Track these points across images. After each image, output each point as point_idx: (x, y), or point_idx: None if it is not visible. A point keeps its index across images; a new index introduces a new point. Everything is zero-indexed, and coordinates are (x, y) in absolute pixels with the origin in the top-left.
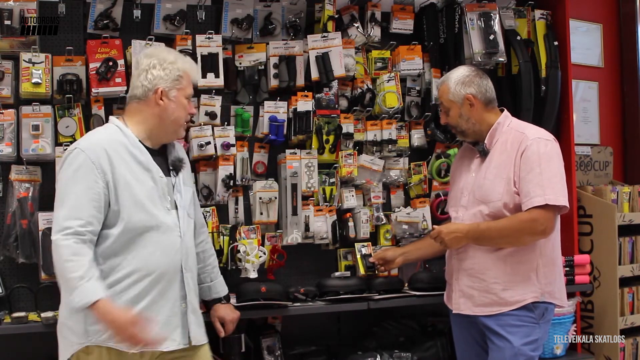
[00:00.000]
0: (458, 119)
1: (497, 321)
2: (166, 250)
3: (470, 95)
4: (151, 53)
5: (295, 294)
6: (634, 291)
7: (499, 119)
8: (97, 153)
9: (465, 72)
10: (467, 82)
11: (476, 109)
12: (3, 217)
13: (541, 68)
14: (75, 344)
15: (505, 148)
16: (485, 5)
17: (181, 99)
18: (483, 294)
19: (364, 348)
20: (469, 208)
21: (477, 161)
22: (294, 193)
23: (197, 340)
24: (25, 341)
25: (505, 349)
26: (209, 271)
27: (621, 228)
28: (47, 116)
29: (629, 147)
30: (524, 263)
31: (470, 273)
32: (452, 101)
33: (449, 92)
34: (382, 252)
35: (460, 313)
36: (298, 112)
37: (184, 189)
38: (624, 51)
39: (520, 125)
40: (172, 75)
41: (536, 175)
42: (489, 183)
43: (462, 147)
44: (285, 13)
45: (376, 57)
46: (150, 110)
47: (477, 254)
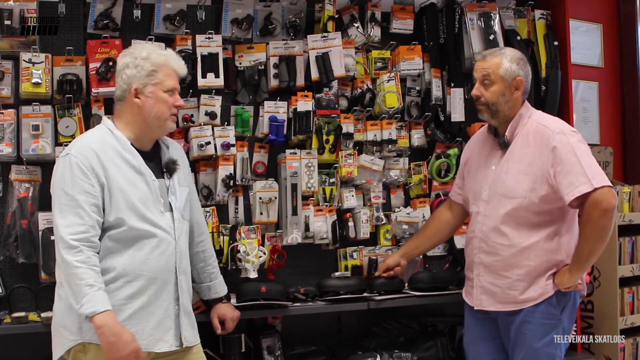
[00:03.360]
0: (500, 96)
1: (520, 317)
2: (160, 253)
3: (521, 78)
4: (125, 52)
5: (295, 294)
6: (634, 291)
7: (520, 111)
8: (89, 157)
9: (521, 55)
10: (521, 64)
11: (518, 94)
12: (3, 217)
13: (541, 68)
14: (68, 341)
15: (528, 142)
16: (485, 5)
17: (159, 94)
18: (506, 290)
19: (364, 348)
20: (490, 202)
21: (497, 154)
22: (294, 193)
23: (189, 341)
24: (25, 341)
25: (527, 343)
26: (209, 271)
27: (621, 228)
28: (47, 116)
29: (629, 147)
30: (549, 259)
31: (493, 270)
32: (502, 77)
33: (501, 67)
34: (383, 263)
35: (481, 309)
36: (298, 112)
37: (179, 190)
38: (624, 51)
39: (543, 118)
40: (145, 71)
41: (575, 165)
42: (512, 178)
43: (476, 136)
44: (285, 13)
45: (376, 57)
46: (130, 109)
47: (503, 251)
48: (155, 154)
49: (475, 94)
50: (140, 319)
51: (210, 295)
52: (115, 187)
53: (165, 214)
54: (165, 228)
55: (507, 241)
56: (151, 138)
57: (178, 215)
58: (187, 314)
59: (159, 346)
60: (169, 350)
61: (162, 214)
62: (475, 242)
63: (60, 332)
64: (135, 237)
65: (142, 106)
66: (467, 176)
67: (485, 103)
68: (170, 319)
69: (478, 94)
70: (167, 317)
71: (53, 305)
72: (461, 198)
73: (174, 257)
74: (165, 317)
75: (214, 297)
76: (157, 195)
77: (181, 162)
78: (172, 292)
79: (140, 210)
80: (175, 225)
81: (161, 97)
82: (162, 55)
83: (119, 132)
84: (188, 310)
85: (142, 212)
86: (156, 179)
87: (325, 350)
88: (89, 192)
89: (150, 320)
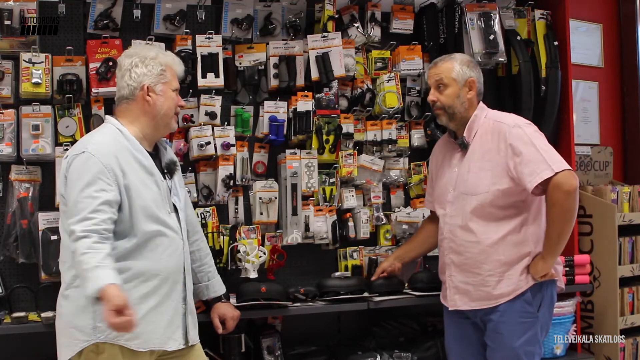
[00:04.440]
0: (455, 99)
1: (496, 317)
2: (172, 253)
3: (473, 79)
4: (131, 52)
5: (295, 294)
6: (634, 291)
7: (476, 112)
8: (108, 158)
9: (469, 58)
10: (472, 66)
11: (472, 95)
12: (3, 217)
13: (541, 68)
14: (81, 342)
15: (487, 139)
16: (485, 5)
17: (168, 92)
18: (479, 287)
19: (364, 348)
20: (455, 203)
21: (457, 155)
22: (294, 193)
23: (193, 340)
24: (25, 341)
25: (505, 343)
26: (205, 270)
27: (621, 228)
28: (47, 116)
29: (629, 147)
30: (518, 251)
31: (464, 268)
32: (455, 80)
33: (452, 70)
34: (379, 267)
35: (457, 310)
36: (298, 112)
37: (180, 191)
38: (624, 51)
39: (497, 115)
40: (156, 70)
41: (534, 154)
42: (473, 176)
43: (438, 143)
44: (285, 13)
45: (376, 57)
46: (140, 107)
47: (471, 248)
48: (156, 154)
49: (431, 99)
50: (154, 318)
51: (209, 295)
52: (133, 190)
53: (171, 214)
54: (174, 228)
55: (475, 238)
56: (156, 137)
57: (183, 216)
58: (191, 313)
59: (169, 344)
60: (178, 348)
61: (169, 215)
62: (445, 243)
63: (70, 333)
64: (148, 238)
65: (154, 104)
66: (435, 182)
67: (441, 107)
68: (178, 318)
69: (434, 99)
70: (176, 316)
71: (56, 307)
72: (433, 205)
73: (182, 257)
74: (175, 316)
75: (212, 296)
76: (165, 196)
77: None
78: (181, 291)
79: (153, 211)
80: (181, 225)
81: (170, 96)
82: (169, 56)
83: (127, 132)
84: (192, 309)
85: (155, 213)
86: (164, 180)
87: (325, 350)
88: (105, 190)
89: (162, 320)
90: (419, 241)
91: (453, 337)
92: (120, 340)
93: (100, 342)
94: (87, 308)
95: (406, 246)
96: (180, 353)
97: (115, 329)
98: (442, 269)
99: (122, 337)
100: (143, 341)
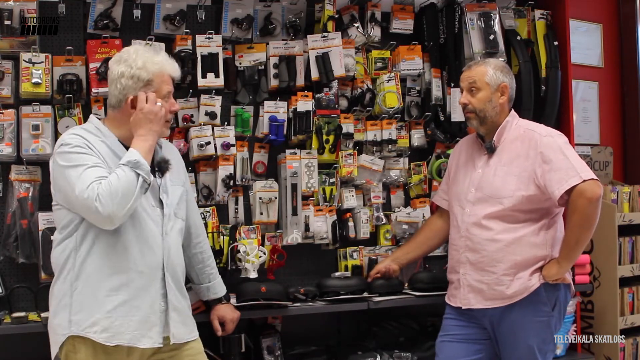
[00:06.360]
0: (486, 103)
1: (510, 314)
2: (147, 247)
3: (506, 85)
4: (119, 58)
5: (295, 294)
6: (634, 291)
7: (507, 118)
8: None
9: (503, 63)
10: (505, 71)
11: (504, 100)
12: (3, 217)
13: (541, 68)
14: (60, 336)
15: (516, 145)
16: (485, 5)
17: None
18: (493, 287)
19: (364, 348)
20: (476, 204)
21: (483, 157)
22: (294, 193)
23: (179, 338)
24: (25, 341)
25: (521, 342)
26: (207, 272)
27: (621, 228)
28: (47, 116)
29: (629, 147)
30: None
31: (480, 267)
32: (488, 84)
33: (486, 74)
34: (374, 269)
35: (465, 311)
36: (298, 112)
37: (171, 188)
38: (624, 51)
39: (529, 124)
40: (141, 82)
41: (564, 162)
42: (499, 180)
43: (463, 142)
44: (285, 13)
45: (376, 57)
46: (127, 117)
47: (488, 246)
48: None
49: (463, 102)
50: (125, 312)
51: (209, 296)
52: None
53: (155, 209)
54: (153, 223)
55: (493, 236)
56: None
57: (169, 212)
58: (177, 310)
59: (143, 342)
60: (152, 347)
61: (153, 209)
62: (461, 242)
63: (54, 329)
64: (122, 231)
65: None
66: (452, 180)
67: (473, 110)
68: (155, 316)
69: (466, 101)
70: (153, 314)
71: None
72: (446, 203)
73: (161, 252)
74: (151, 313)
75: (213, 297)
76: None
77: (175, 162)
78: (159, 287)
79: None
80: (164, 221)
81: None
82: (157, 64)
83: (106, 129)
84: (177, 307)
85: None
86: None
87: (325, 350)
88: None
89: (136, 315)
90: (418, 242)
91: (451, 336)
92: (90, 332)
93: (74, 335)
94: (64, 303)
95: (405, 248)
96: (172, 353)
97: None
98: (454, 267)
99: (91, 330)
100: (111, 335)
